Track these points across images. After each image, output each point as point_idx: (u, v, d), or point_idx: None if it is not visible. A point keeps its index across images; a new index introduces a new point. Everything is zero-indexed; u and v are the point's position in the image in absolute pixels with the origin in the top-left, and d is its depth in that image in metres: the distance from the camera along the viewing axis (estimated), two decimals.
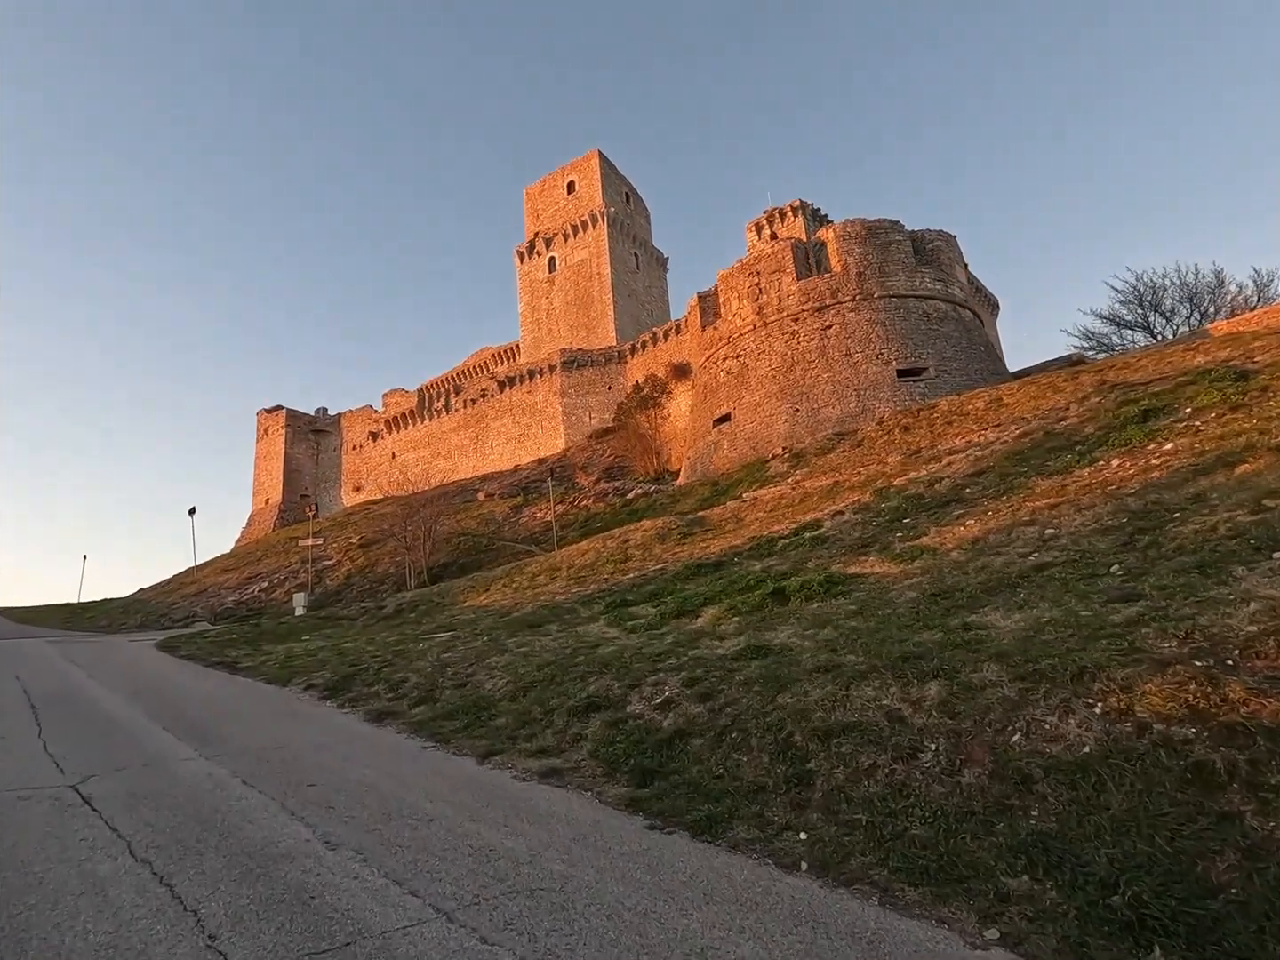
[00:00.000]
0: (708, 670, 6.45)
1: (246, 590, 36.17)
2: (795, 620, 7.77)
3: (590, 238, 59.23)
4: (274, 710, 8.40)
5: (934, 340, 28.53)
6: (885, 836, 3.75)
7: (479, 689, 8.08)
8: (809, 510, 15.21)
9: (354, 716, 7.94)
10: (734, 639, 7.59)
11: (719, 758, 5.05)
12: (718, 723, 5.45)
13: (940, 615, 6.40)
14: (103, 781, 5.10)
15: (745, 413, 30.06)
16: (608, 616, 11.07)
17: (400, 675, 9.36)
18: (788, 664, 6.05)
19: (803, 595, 8.63)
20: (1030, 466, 11.36)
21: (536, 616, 12.14)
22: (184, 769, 5.51)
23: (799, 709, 5.05)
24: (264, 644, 17.18)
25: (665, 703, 6.06)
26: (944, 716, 4.36)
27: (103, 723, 7.48)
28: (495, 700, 7.53)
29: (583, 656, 8.24)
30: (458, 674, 8.86)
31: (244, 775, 5.31)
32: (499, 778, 5.36)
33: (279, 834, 4.04)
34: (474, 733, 6.71)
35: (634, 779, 5.05)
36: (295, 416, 70.71)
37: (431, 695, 8.27)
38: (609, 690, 6.68)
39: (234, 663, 13.17)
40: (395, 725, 7.36)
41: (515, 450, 53.05)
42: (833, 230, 30.65)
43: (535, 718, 6.72)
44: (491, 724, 6.87)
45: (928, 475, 13.51)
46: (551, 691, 7.20)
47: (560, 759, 5.70)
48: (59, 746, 6.26)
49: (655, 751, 5.36)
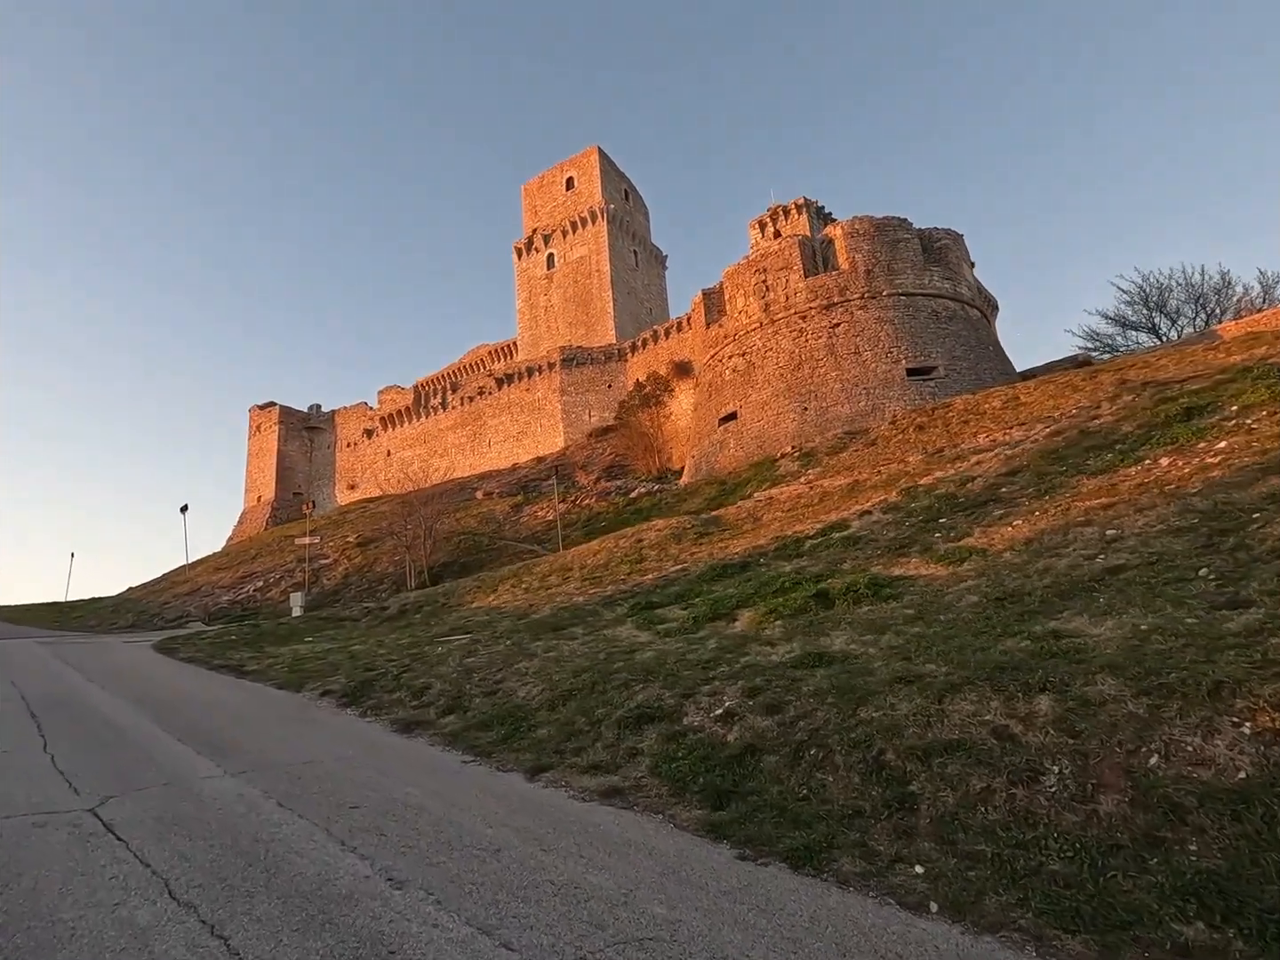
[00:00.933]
0: (768, 679, 6.04)
1: (241, 590, 35.47)
2: (848, 625, 7.38)
3: (590, 234, 58.73)
4: (291, 719, 7.93)
5: (943, 339, 28.28)
6: (1018, 872, 3.36)
7: (511, 697, 7.64)
8: (831, 510, 14.84)
9: (379, 726, 7.48)
10: (785, 645, 7.19)
11: (799, 777, 4.65)
12: (792, 738, 5.04)
13: (1015, 621, 6.03)
14: (123, 804, 4.64)
15: (752, 411, 29.70)
16: (634, 619, 10.66)
17: (422, 681, 8.91)
18: (858, 674, 5.65)
19: (849, 598, 8.25)
20: (1069, 465, 11.03)
21: (557, 619, 11.70)
22: (209, 788, 5.04)
23: (887, 724, 4.66)
24: (266, 646, 16.65)
25: (727, 715, 5.66)
26: (1063, 735, 3.97)
27: (111, 733, 6.98)
28: (532, 709, 7.10)
29: (621, 662, 7.82)
30: (485, 680, 8.42)
31: (277, 796, 4.85)
32: (555, 798, 4.93)
33: (333, 869, 3.60)
34: (514, 745, 6.28)
35: (706, 800, 4.64)
36: (289, 413, 69.81)
37: (460, 703, 7.83)
38: (660, 700, 6.27)
39: (239, 666, 12.65)
40: (426, 736, 6.91)
41: (513, 448, 52.49)
42: (841, 227, 30.34)
43: (581, 729, 6.29)
44: (532, 736, 6.44)
45: (957, 474, 13.17)
46: (594, 700, 6.78)
47: (618, 776, 5.28)
48: (68, 761, 5.77)
49: (725, 769, 4.95)
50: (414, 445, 59.79)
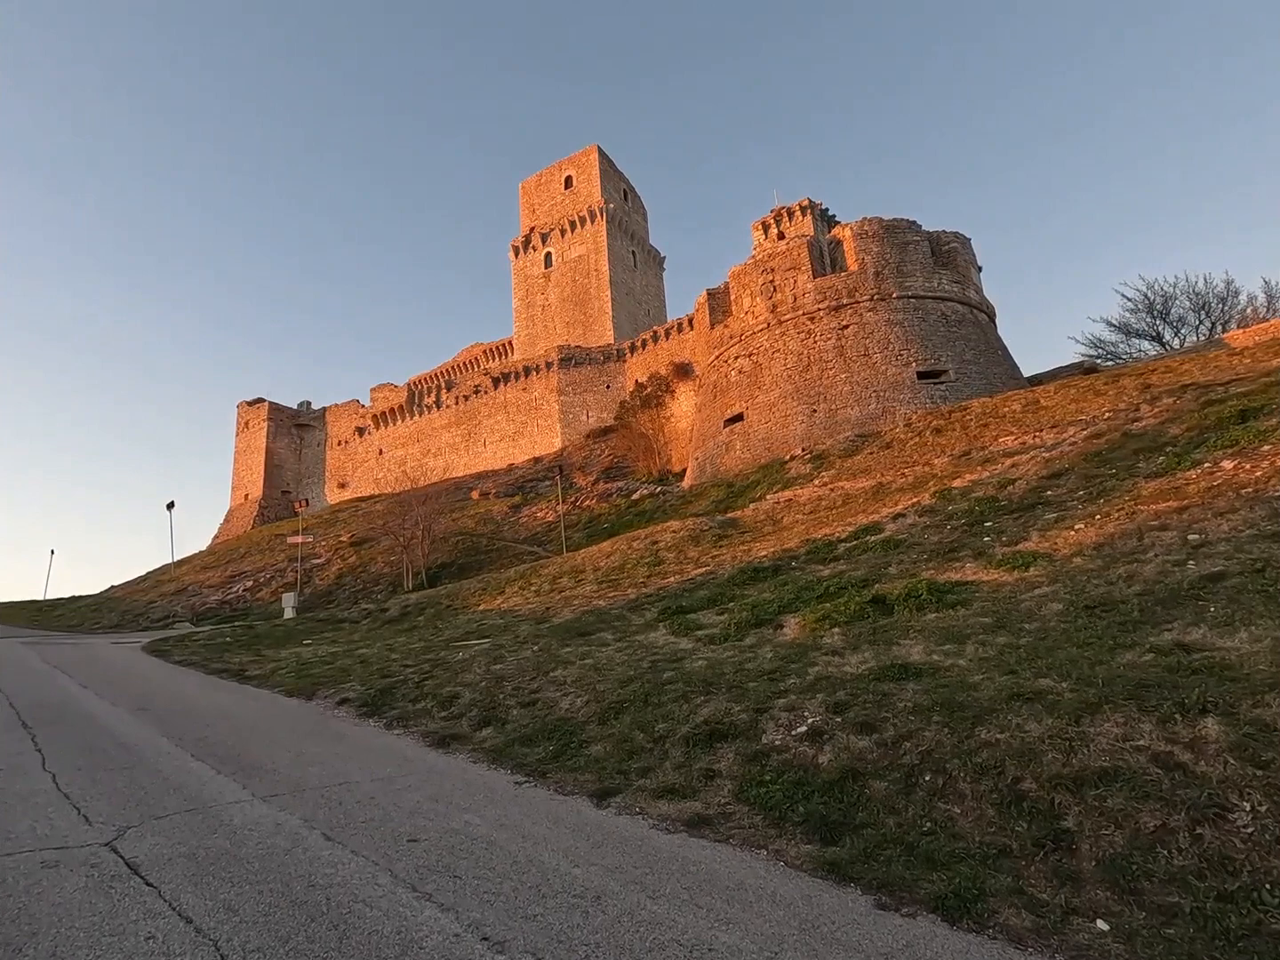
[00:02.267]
0: (852, 694, 5.52)
1: (230, 589, 34.48)
2: (917, 634, 6.88)
3: (588, 234, 58.20)
4: (311, 731, 7.29)
5: (953, 342, 28.02)
6: (1232, 931, 2.85)
7: (553, 709, 7.06)
8: (858, 513, 14.38)
9: (410, 740, 6.87)
10: (854, 655, 6.67)
11: (918, 807, 4.12)
12: (900, 761, 4.52)
13: (1120, 632, 5.56)
14: (144, 837, 4.01)
15: (759, 413, 29.27)
16: (667, 624, 10.11)
17: (449, 690, 8.30)
18: (958, 688, 5.14)
19: (910, 605, 7.75)
20: (1118, 468, 10.64)
21: (582, 623, 11.12)
22: (240, 817, 4.43)
23: (1018, 748, 4.14)
24: (263, 648, 15.93)
25: (813, 733, 5.12)
26: (1247, 765, 3.48)
27: (115, 748, 6.32)
28: (580, 723, 6.52)
29: (671, 671, 7.26)
30: (520, 689, 7.82)
31: (320, 826, 4.25)
32: (636, 829, 4.37)
33: (414, 924, 3.01)
34: (568, 764, 5.70)
35: (813, 833, 4.10)
36: (278, 410, 68.58)
37: (495, 715, 7.23)
38: (730, 715, 5.72)
39: (240, 670, 11.95)
40: (466, 752, 6.32)
41: (509, 448, 51.74)
42: (850, 228, 30.03)
43: (642, 746, 5.73)
44: (586, 753, 5.88)
45: (992, 477, 12.75)
46: (651, 714, 6.22)
47: (698, 802, 4.72)
48: (73, 782, 5.12)
49: (825, 796, 4.41)
50: (407, 444, 58.85)
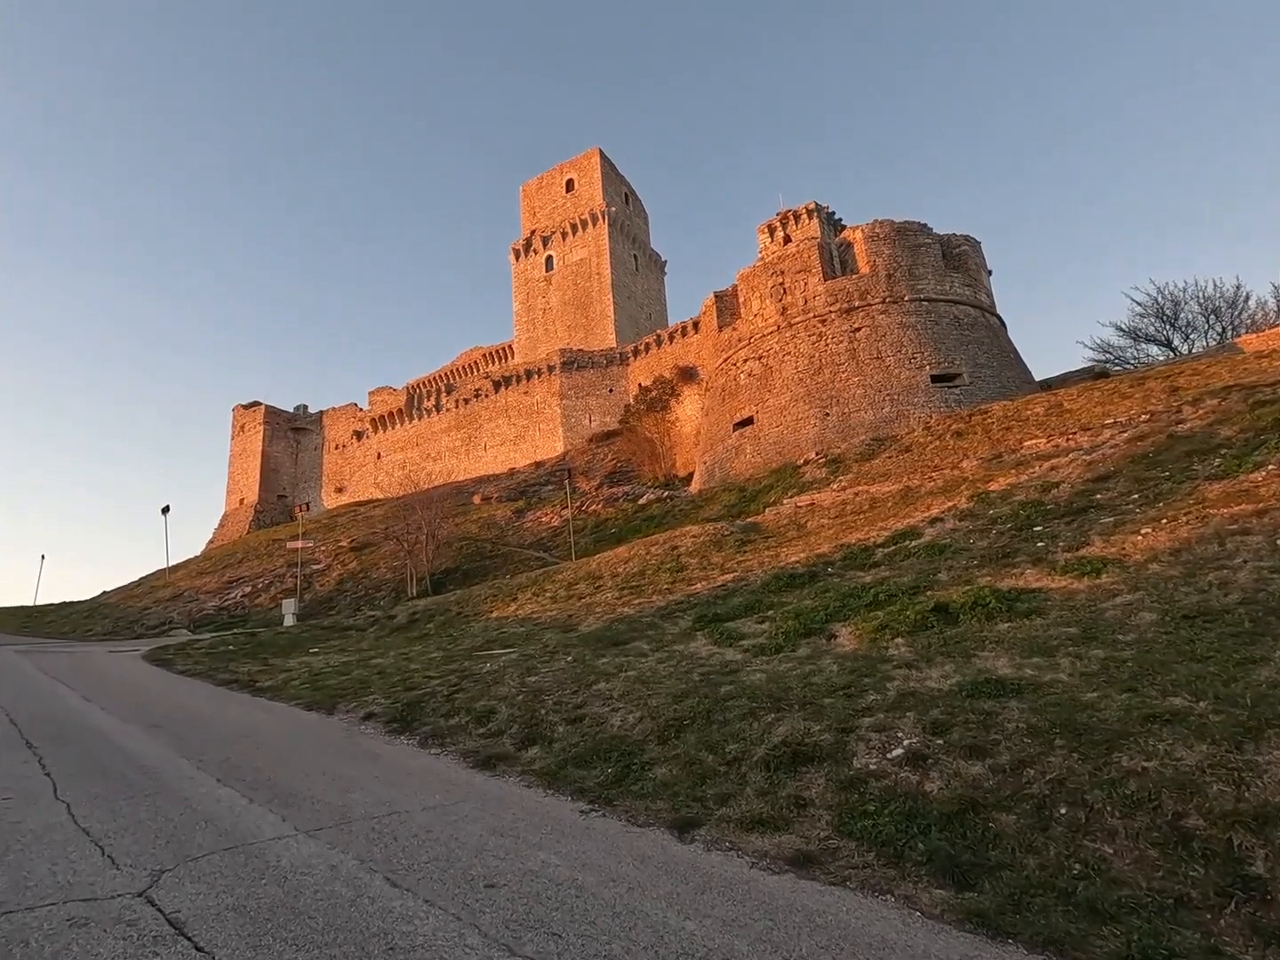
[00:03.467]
0: (947, 712, 5.05)
1: (228, 595, 33.75)
2: (995, 645, 6.43)
3: (590, 237, 57.88)
4: (341, 750, 6.76)
5: (966, 346, 27.73)
6: None
7: (603, 725, 6.56)
8: (888, 517, 13.96)
9: (450, 760, 6.35)
10: (931, 668, 6.21)
11: (1060, 846, 3.65)
12: (1026, 791, 4.05)
13: (1236, 645, 5.12)
14: (182, 884, 3.50)
15: (770, 416, 28.88)
16: (706, 633, 9.63)
17: (484, 704, 7.78)
18: (1072, 707, 4.68)
19: (978, 614, 7.30)
20: (1171, 471, 10.25)
21: (613, 632, 10.62)
22: (287, 856, 3.91)
23: (1174, 779, 3.68)
24: (269, 657, 15.35)
25: (913, 757, 4.65)
26: None
27: (132, 771, 5.78)
28: (636, 742, 6.03)
29: (729, 685, 6.78)
30: (562, 704, 7.32)
31: (381, 868, 3.74)
32: (735, 869, 3.88)
33: None
34: (634, 789, 5.20)
35: (942, 875, 3.62)
36: (274, 413, 67.82)
37: (539, 732, 6.73)
38: (809, 735, 5.24)
39: (250, 681, 11.38)
40: (515, 775, 5.81)
41: (510, 452, 51.20)
42: (861, 230, 29.77)
43: (714, 770, 5.25)
44: (650, 777, 5.38)
45: (1031, 480, 12.35)
46: (717, 733, 5.73)
47: (795, 835, 4.24)
48: (92, 814, 4.59)
49: (945, 831, 3.94)
50: (406, 448, 58.22)
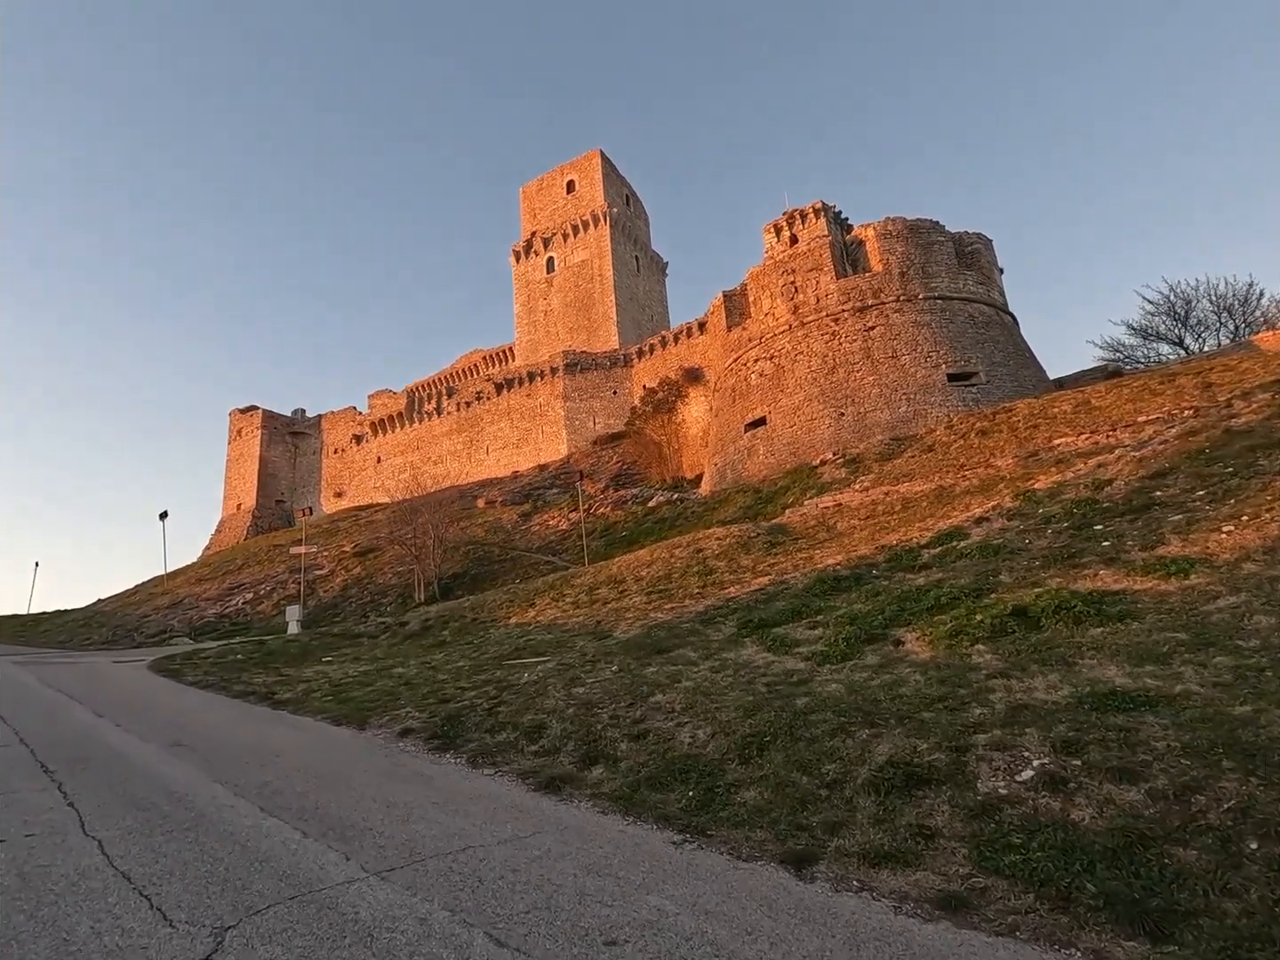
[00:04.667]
0: (1075, 728, 4.58)
1: (229, 602, 33.07)
2: (1095, 652, 5.97)
3: (591, 238, 57.49)
4: (386, 771, 6.24)
5: (981, 344, 27.39)
6: None
7: (670, 742, 6.06)
8: (925, 517, 13.52)
9: (508, 782, 5.83)
10: (1032, 677, 5.74)
11: (1264, 888, 3.17)
12: (1200, 821, 3.57)
13: None
14: (252, 946, 2.97)
15: (783, 416, 28.45)
16: (755, 640, 9.15)
17: (531, 718, 7.27)
18: (1225, 723, 4.22)
19: (1063, 617, 6.84)
20: (1235, 466, 9.83)
21: (654, 639, 10.12)
22: (364, 906, 3.39)
23: None
24: (282, 667, 14.79)
25: (1048, 780, 4.17)
26: None
27: (164, 799, 5.24)
28: (713, 761, 5.54)
29: (805, 698, 6.30)
30: (619, 718, 6.81)
31: (477, 920, 3.23)
32: (880, 916, 3.38)
33: None
34: (723, 816, 4.71)
35: (1127, 922, 3.13)
36: (272, 417, 67.11)
37: (600, 750, 6.22)
38: (919, 754, 4.75)
39: (269, 694, 10.83)
40: (584, 799, 5.30)
41: (513, 455, 50.65)
42: (873, 228, 29.43)
43: (812, 793, 4.75)
44: (739, 801, 4.88)
45: (1078, 478, 11.93)
46: (806, 751, 5.25)
47: (931, 873, 3.75)
48: (129, 854, 4.06)
49: (1113, 868, 3.45)
50: (406, 452, 57.60)
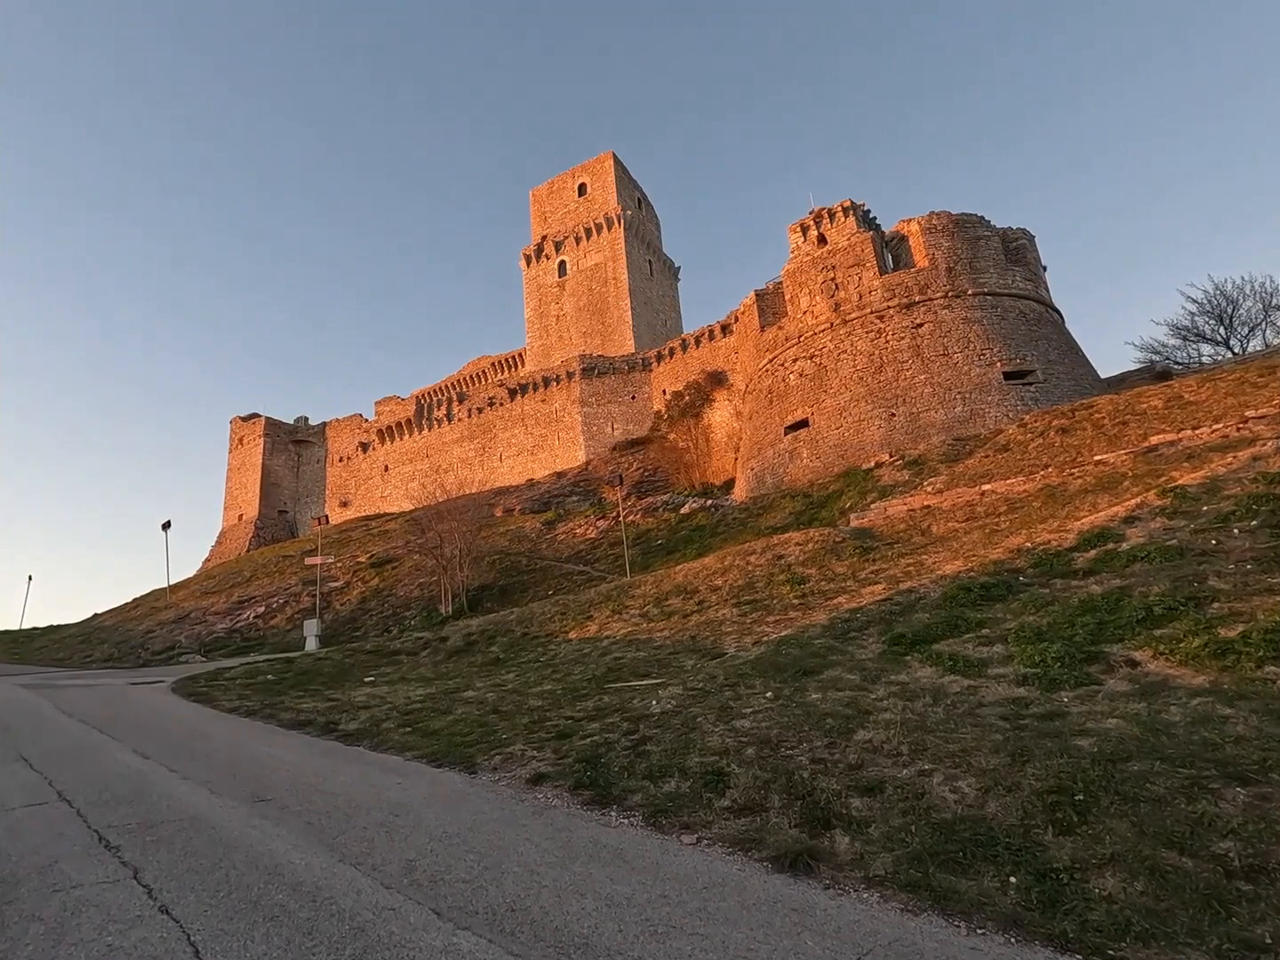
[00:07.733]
0: None
1: (239, 616, 31.39)
2: None
3: (605, 241, 56.43)
4: (551, 840, 4.77)
5: (1035, 342, 26.25)
6: None
7: (924, 799, 4.65)
8: (1047, 518, 12.20)
9: (723, 855, 4.39)
10: None
11: None
12: None
13: None
14: None
15: (827, 418, 27.18)
16: (917, 658, 7.79)
17: (698, 761, 5.84)
18: None
19: None
20: None
21: (786, 658, 8.70)
22: None
23: None
24: (323, 690, 13.31)
25: None
26: None
27: (291, 898, 3.75)
28: (1008, 826, 4.13)
29: (1083, 739, 4.91)
30: (823, 761, 5.39)
31: None
32: None
33: None
34: (1091, 919, 3.30)
35: None
36: (274, 425, 65.49)
37: (827, 808, 4.79)
38: None
39: (329, 724, 9.36)
40: (856, 886, 3.86)
41: (528, 462, 49.20)
42: (918, 223, 28.34)
43: (1215, 885, 3.36)
44: (1091, 894, 3.49)
45: (1233, 473, 10.65)
46: (1155, 816, 3.86)
47: None
48: None
49: None
50: (415, 460, 56.06)
